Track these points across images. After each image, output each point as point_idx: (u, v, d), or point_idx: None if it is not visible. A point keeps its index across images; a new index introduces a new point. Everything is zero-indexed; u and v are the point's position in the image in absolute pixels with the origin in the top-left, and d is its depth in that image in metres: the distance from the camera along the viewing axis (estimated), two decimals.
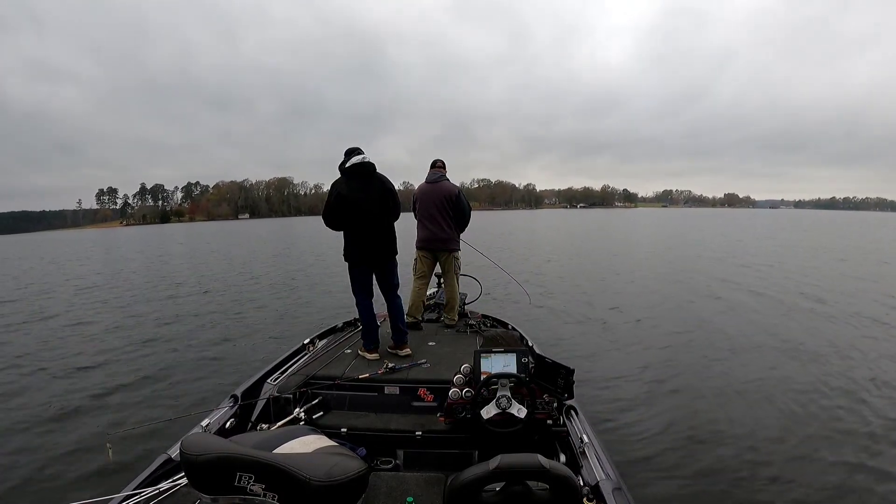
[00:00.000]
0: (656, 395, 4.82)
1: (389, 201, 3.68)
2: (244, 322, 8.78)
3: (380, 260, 3.75)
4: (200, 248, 30.38)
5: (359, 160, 3.57)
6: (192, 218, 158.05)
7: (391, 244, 3.76)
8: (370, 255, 3.69)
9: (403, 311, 3.87)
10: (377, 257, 3.72)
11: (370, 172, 3.62)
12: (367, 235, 3.63)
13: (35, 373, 6.28)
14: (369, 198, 3.59)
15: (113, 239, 54.90)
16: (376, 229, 3.64)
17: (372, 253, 3.69)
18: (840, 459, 3.60)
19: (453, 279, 4.65)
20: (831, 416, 4.30)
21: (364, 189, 3.59)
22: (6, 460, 3.93)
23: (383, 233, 3.68)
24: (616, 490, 2.00)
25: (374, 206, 3.61)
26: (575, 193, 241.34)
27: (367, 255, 3.69)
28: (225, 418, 2.79)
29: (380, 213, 3.64)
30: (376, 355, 3.60)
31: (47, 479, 3.64)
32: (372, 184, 3.62)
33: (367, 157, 3.60)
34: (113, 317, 9.79)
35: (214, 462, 1.45)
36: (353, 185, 3.58)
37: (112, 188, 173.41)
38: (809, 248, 21.51)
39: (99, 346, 7.44)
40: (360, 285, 3.78)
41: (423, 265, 4.72)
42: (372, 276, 3.83)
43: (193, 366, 6.24)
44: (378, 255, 3.72)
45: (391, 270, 3.84)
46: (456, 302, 4.68)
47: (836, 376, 5.21)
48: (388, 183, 3.70)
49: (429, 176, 4.68)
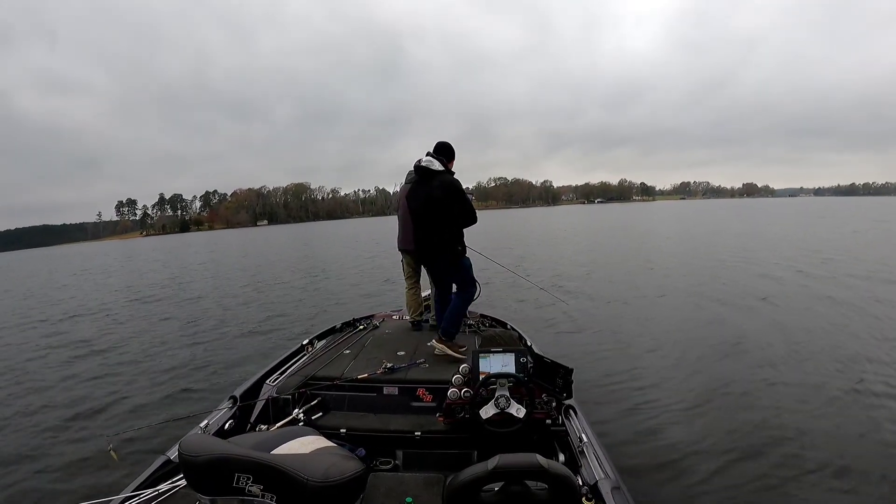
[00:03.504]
0: (656, 394, 4.75)
1: (435, 203, 3.67)
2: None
3: (424, 256, 4.02)
4: (253, 252, 31.07)
5: (418, 162, 3.75)
6: (211, 226, 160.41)
7: (438, 241, 3.76)
8: (417, 249, 4.01)
9: (455, 309, 3.85)
10: (422, 252, 3.99)
11: (423, 174, 3.73)
12: (415, 230, 3.91)
13: (34, 372, 6.53)
14: (416, 197, 3.77)
15: (134, 249, 56.11)
16: (420, 226, 3.82)
17: (418, 247, 3.96)
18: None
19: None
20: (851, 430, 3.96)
21: (414, 189, 3.83)
22: (6, 462, 4.02)
23: (428, 230, 3.77)
24: (615, 489, 1.99)
25: (417, 206, 3.77)
26: (592, 189, 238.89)
27: (415, 248, 4.03)
28: (224, 419, 2.81)
29: (425, 212, 3.73)
30: (441, 345, 3.69)
31: (47, 480, 3.70)
32: (424, 185, 3.73)
33: (424, 159, 3.73)
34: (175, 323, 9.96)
35: (213, 463, 1.46)
36: (411, 186, 3.92)
37: (131, 200, 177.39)
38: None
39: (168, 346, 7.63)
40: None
41: (407, 267, 4.74)
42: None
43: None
44: (422, 251, 3.96)
45: (441, 268, 3.98)
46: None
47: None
48: (440, 187, 3.65)
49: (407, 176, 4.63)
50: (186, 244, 55.00)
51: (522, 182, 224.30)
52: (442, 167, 3.72)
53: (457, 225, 3.73)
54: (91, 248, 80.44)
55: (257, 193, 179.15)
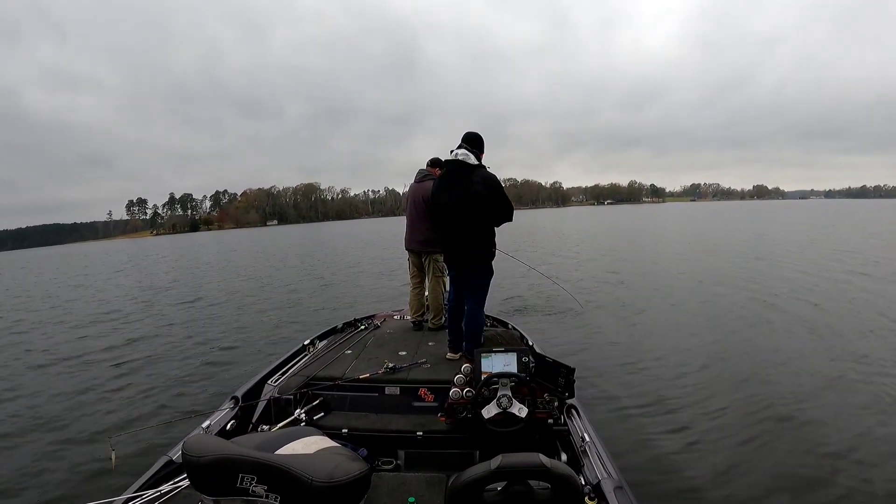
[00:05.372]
0: (659, 393, 4.73)
1: (475, 200, 3.37)
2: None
3: (453, 257, 3.67)
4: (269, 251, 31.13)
5: (452, 156, 3.48)
6: (220, 226, 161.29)
7: (466, 243, 3.48)
8: (446, 249, 3.73)
9: (471, 318, 3.58)
10: (450, 253, 3.68)
11: (457, 169, 3.44)
12: (443, 229, 3.63)
13: (35, 373, 6.60)
14: (451, 193, 3.46)
15: (144, 248, 56.53)
16: (451, 225, 3.51)
17: (446, 248, 3.70)
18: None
19: (434, 282, 4.62)
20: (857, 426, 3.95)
21: (449, 185, 3.49)
22: (7, 462, 4.05)
23: (457, 230, 3.47)
24: (618, 489, 1.99)
25: (452, 203, 3.45)
26: (602, 190, 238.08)
27: (445, 248, 3.74)
28: (226, 420, 2.81)
29: (465, 208, 3.40)
30: (452, 355, 3.60)
31: (49, 482, 3.72)
32: (460, 181, 3.41)
33: (459, 153, 3.44)
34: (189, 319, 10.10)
35: (216, 463, 1.46)
36: (442, 181, 3.57)
37: (141, 199, 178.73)
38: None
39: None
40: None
41: (412, 267, 4.73)
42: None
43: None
44: (450, 252, 3.66)
45: (471, 269, 3.59)
46: (436, 304, 4.61)
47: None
48: (481, 183, 3.36)
49: (417, 175, 4.57)
50: (199, 244, 55.53)
51: (532, 183, 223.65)
52: (477, 161, 3.46)
53: (493, 222, 3.50)
54: (101, 247, 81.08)
55: (267, 193, 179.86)
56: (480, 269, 3.55)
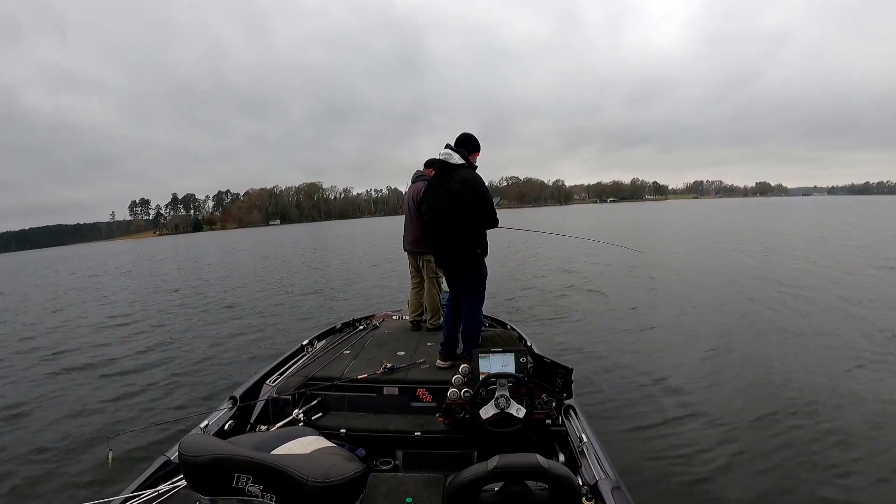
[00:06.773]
0: (656, 394, 4.71)
1: (456, 200, 3.30)
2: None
3: (441, 257, 3.60)
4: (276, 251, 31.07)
5: (438, 156, 3.43)
6: (223, 226, 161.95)
7: (454, 242, 3.40)
8: (434, 250, 3.68)
9: (469, 319, 3.52)
10: (438, 253, 3.63)
11: (443, 169, 3.39)
12: (432, 230, 3.55)
13: (35, 374, 6.62)
14: (435, 193, 3.42)
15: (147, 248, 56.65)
16: (438, 225, 3.45)
17: (435, 248, 3.65)
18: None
19: (429, 282, 4.59)
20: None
21: (434, 185, 3.46)
22: (6, 463, 4.06)
23: (444, 230, 3.41)
24: (615, 489, 1.98)
25: (437, 202, 3.41)
26: (605, 188, 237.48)
27: (434, 249, 3.68)
28: (224, 420, 2.81)
29: (440, 209, 3.38)
30: (441, 363, 3.46)
31: (47, 481, 3.72)
32: (444, 181, 3.36)
33: (442, 152, 3.39)
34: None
35: (213, 463, 1.46)
36: (430, 181, 3.54)
37: (144, 199, 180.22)
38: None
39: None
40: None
41: (411, 267, 4.76)
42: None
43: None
44: (439, 252, 3.61)
45: (459, 270, 3.53)
46: (432, 305, 4.59)
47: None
48: (459, 182, 3.28)
49: (412, 176, 4.56)
50: (203, 243, 55.65)
51: (535, 181, 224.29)
52: (462, 160, 3.35)
53: (479, 222, 3.35)
54: (104, 248, 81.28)
55: (270, 193, 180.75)
56: (470, 269, 3.46)
